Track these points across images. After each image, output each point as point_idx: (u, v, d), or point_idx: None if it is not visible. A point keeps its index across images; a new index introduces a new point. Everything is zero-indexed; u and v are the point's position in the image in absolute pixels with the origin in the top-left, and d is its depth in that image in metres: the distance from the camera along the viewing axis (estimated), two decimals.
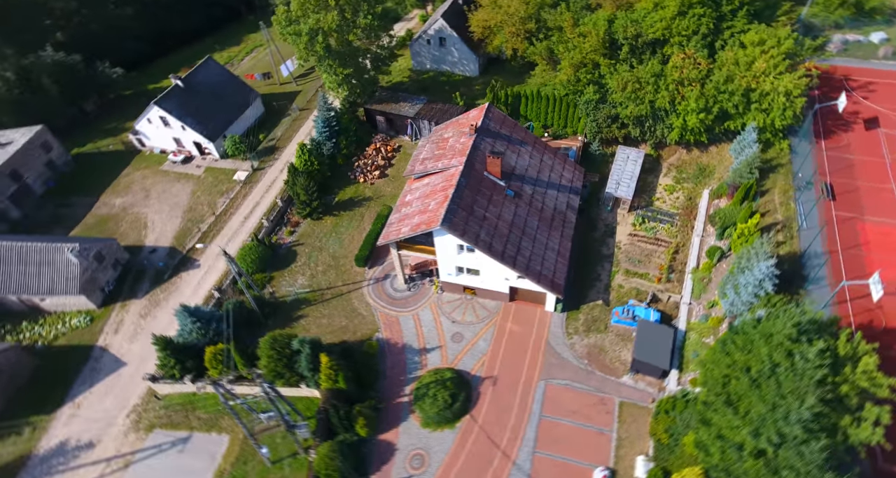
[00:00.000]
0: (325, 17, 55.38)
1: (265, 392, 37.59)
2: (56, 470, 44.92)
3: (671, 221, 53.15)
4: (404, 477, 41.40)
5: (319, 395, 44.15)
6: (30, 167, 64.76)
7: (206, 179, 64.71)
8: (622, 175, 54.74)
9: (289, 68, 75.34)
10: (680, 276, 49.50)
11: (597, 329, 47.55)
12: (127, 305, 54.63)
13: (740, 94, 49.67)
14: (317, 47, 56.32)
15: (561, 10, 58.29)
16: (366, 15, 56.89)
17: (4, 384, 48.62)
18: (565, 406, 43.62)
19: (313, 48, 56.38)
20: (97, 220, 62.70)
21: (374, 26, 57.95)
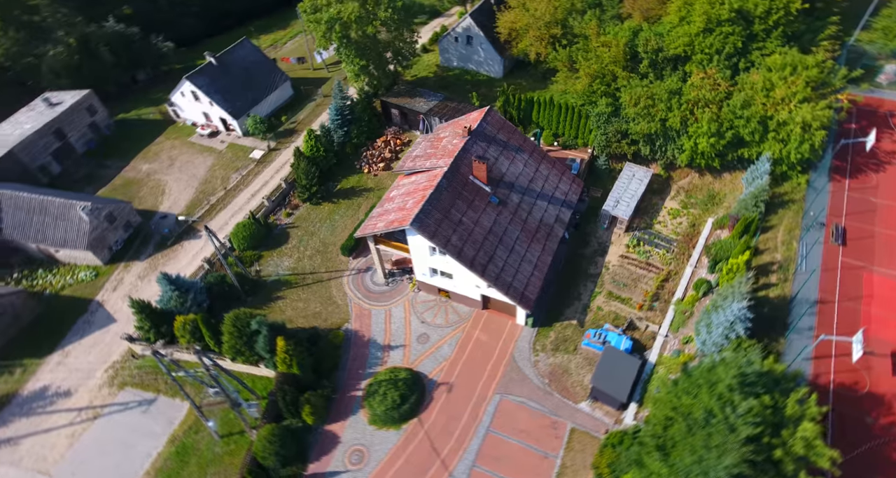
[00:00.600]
0: (346, 7, 54.19)
1: (205, 367, 37.18)
2: (34, 412, 46.39)
3: (668, 247, 49.09)
4: (341, 471, 40.21)
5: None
6: (74, 128, 67.19)
7: (226, 154, 65.29)
8: (623, 193, 50.97)
9: (322, 55, 74.87)
10: (664, 306, 45.63)
11: (565, 349, 44.54)
12: (129, 266, 55.80)
13: (757, 120, 44.93)
14: (333, 36, 55.29)
15: (588, 17, 54.70)
16: (386, 8, 55.30)
17: (6, 325, 50.54)
18: (516, 424, 41.07)
19: (330, 37, 55.42)
20: (123, 182, 64.43)
21: (393, 20, 56.29)
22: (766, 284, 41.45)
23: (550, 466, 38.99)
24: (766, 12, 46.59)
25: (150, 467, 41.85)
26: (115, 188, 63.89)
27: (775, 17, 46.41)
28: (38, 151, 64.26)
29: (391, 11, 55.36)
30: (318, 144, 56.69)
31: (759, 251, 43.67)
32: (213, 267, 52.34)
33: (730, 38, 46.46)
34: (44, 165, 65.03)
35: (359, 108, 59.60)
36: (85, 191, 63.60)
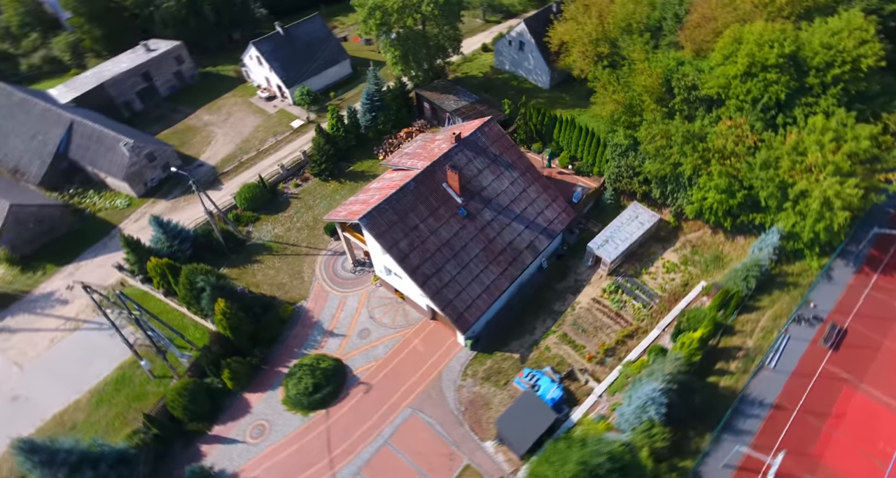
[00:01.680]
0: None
1: (128, 311, 37.36)
2: (34, 311, 49.66)
3: (647, 302, 42.26)
4: (238, 441, 39.10)
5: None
6: (161, 73, 70.80)
7: (273, 118, 65.73)
8: (617, 234, 44.40)
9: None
10: (616, 363, 39.40)
11: (495, 382, 39.95)
12: (156, 203, 58.00)
13: (776, 185, 36.65)
14: (371, 23, 52.87)
15: (636, 39, 47.73)
16: (428, 3, 51.76)
17: (43, 233, 54.45)
18: (415, 444, 37.55)
19: (369, 23, 53.10)
20: (184, 128, 67.03)
21: (434, 15, 52.67)
22: (722, 369, 34.19)
23: None
24: (825, 64, 37.55)
25: (93, 387, 43.18)
26: (175, 132, 66.60)
27: (836, 71, 37.28)
28: (125, 88, 68.46)
29: (433, 6, 51.77)
30: (340, 124, 55.05)
31: (732, 331, 36.10)
32: (212, 218, 52.77)
33: (772, 87, 37.91)
34: (128, 101, 69.23)
35: (388, 97, 57.00)
36: (151, 130, 66.89)
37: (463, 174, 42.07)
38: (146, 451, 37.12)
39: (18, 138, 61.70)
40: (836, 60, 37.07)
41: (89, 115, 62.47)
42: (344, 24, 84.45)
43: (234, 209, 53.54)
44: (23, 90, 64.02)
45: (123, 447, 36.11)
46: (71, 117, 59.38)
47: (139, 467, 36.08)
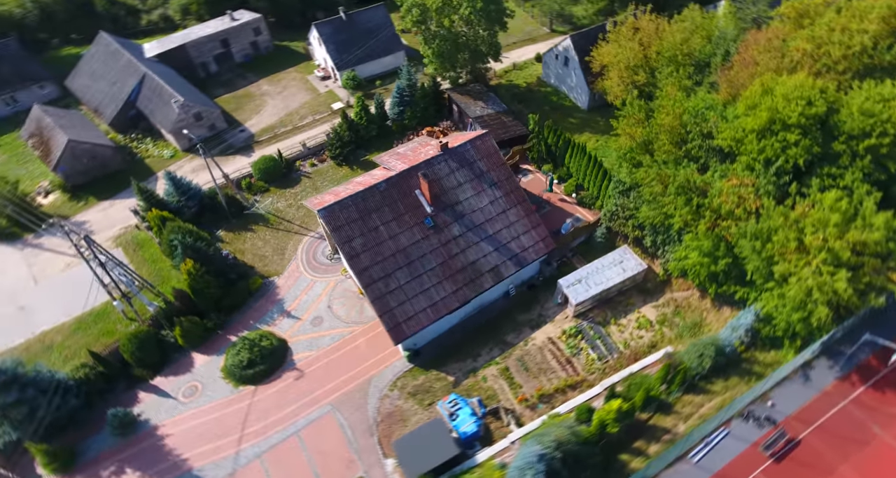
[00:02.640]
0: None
1: (94, 255, 38.35)
2: (57, 236, 53.05)
3: (604, 356, 37.21)
4: (170, 397, 39.27)
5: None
6: (238, 41, 72.90)
7: (320, 97, 65.53)
8: (592, 276, 39.37)
9: None
10: (547, 411, 35.07)
11: (420, 400, 37.06)
12: (194, 159, 59.86)
13: (764, 259, 30.26)
14: (408, 19, 50.42)
15: (671, 72, 41.73)
16: (467, 6, 48.37)
17: (95, 168, 57.95)
18: (321, 443, 35.74)
19: (405, 20, 50.76)
20: (243, 93, 68.65)
21: (471, 20, 49.19)
22: (639, 449, 29.12)
23: None
24: (862, 132, 30.20)
25: (79, 315, 45.19)
26: (235, 96, 68.36)
27: (872, 142, 29.88)
28: (204, 51, 71.18)
29: (469, 11, 48.35)
30: (364, 113, 53.54)
31: (669, 410, 30.61)
32: (227, 181, 53.51)
33: (791, 150, 31.00)
34: (205, 63, 71.99)
35: (418, 94, 54.53)
36: (216, 92, 69.13)
37: (441, 185, 39.01)
38: (84, 384, 38.16)
39: (105, 83, 66.08)
40: (875, 129, 29.65)
41: (163, 70, 65.54)
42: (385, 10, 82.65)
43: (249, 177, 53.90)
44: (119, 42, 68.27)
45: (62, 377, 37.33)
46: (144, 71, 62.46)
47: (72, 399, 37.17)
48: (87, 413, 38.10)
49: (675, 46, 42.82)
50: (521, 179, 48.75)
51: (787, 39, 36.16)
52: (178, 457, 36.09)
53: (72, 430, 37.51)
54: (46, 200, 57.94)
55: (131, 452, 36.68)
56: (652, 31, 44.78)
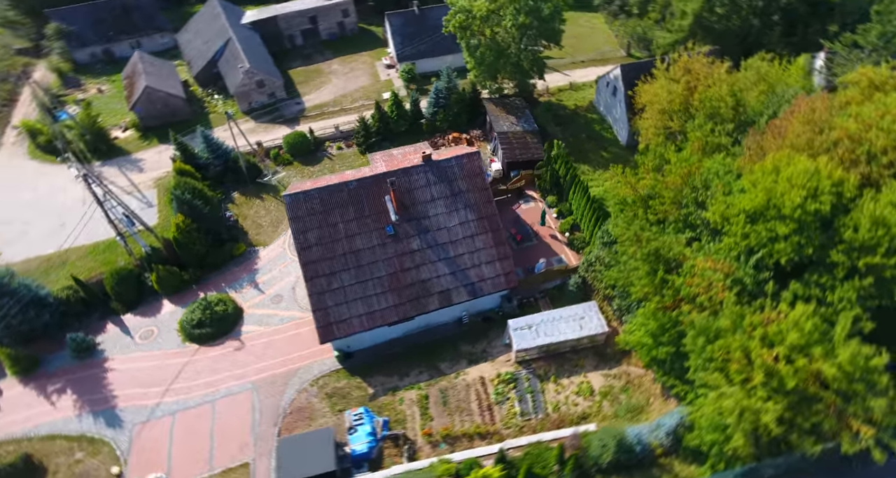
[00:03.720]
0: (478, 3, 45.16)
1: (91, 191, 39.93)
2: (122, 168, 56.67)
3: (527, 413, 32.68)
4: (126, 336, 40.32)
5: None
6: (326, 19, 73.46)
7: (378, 84, 64.23)
8: (547, 326, 34.61)
9: None
10: (447, 452, 31.53)
11: (333, 403, 35.05)
12: (249, 121, 61.34)
13: (704, 360, 24.20)
14: (452, 22, 47.13)
15: (701, 123, 35.08)
16: (512, 23, 44.08)
17: (166, 113, 60.88)
18: (229, 417, 35.00)
19: (449, 24, 47.52)
20: (315, 69, 69.03)
21: (512, 35, 44.76)
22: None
23: (200, 472, 32.76)
24: (866, 245, 22.85)
25: (95, 242, 47.95)
26: (307, 70, 68.99)
27: (876, 260, 22.53)
28: (293, 24, 72.57)
29: (513, 25, 44.04)
30: (395, 108, 51.43)
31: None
32: (259, 148, 54.06)
33: (778, 244, 24.23)
34: (292, 35, 73.46)
35: (453, 98, 51.25)
36: (292, 63, 70.32)
37: (413, 196, 36.10)
38: (63, 304, 40.28)
39: (200, 41, 69.59)
40: (880, 245, 22.27)
41: (249, 37, 67.60)
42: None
43: (279, 149, 54.11)
44: (223, 6, 71.22)
45: (45, 294, 39.65)
46: (231, 35, 64.72)
47: (46, 315, 39.39)
48: (58, 331, 40.12)
49: (721, 97, 35.85)
50: (520, 204, 44.22)
51: (837, 114, 28.46)
52: (110, 392, 37.12)
53: (42, 342, 39.78)
54: (123, 135, 62.16)
55: (80, 375, 38.29)
56: (702, 76, 37.87)
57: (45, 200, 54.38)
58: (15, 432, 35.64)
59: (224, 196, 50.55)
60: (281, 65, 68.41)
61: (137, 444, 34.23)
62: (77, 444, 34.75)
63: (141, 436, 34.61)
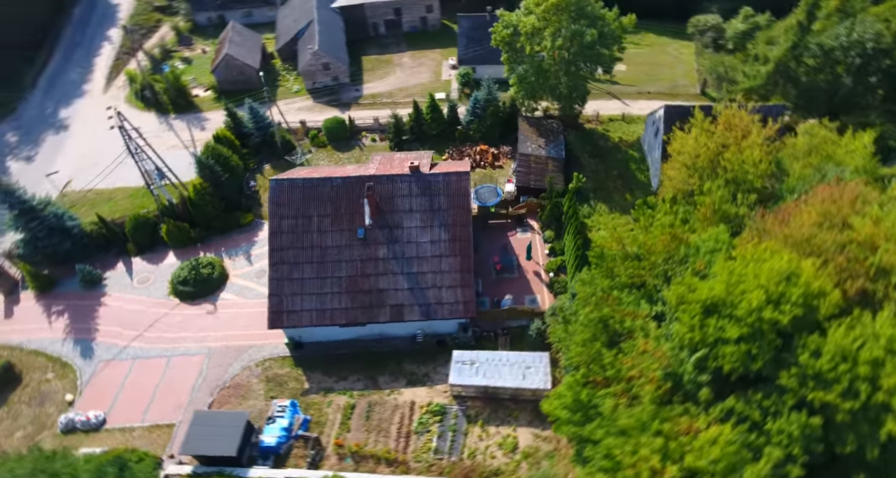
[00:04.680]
0: (527, 19, 41.35)
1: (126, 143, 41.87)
2: (189, 123, 59.65)
3: (441, 451, 29.79)
4: (127, 278, 42.25)
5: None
6: (409, 12, 72.00)
7: (437, 83, 61.89)
8: (490, 367, 31.24)
9: None
10: (351, 468, 29.65)
11: (269, 388, 34.48)
12: (308, 99, 61.96)
13: (601, 456, 20.00)
14: (497, 36, 43.76)
15: (718, 185, 29.40)
16: (552, 46, 39.81)
17: (239, 81, 62.57)
18: (175, 378, 35.59)
19: (495, 37, 44.10)
20: (386, 59, 67.94)
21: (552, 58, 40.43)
22: None
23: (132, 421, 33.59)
24: (820, 377, 17.26)
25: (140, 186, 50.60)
26: (378, 59, 68.12)
27: (825, 396, 17.08)
28: (378, 14, 71.95)
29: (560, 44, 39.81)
30: (431, 110, 49.24)
31: None
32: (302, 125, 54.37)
33: (724, 347, 18.97)
34: (375, 24, 72.94)
35: (489, 111, 47.94)
36: (368, 50, 69.92)
37: (392, 204, 34.01)
38: (86, 238, 43.01)
39: (290, 19, 71.06)
40: (839, 381, 16.71)
41: (331, 20, 67.93)
42: None
43: (318, 131, 54.07)
44: None
45: (71, 225, 42.51)
46: (314, 16, 65.53)
47: (68, 243, 42.25)
48: (78, 260, 42.80)
49: (753, 162, 29.85)
50: (517, 232, 40.42)
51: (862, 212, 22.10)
52: (95, 325, 39.16)
53: (62, 267, 42.72)
54: (203, 94, 65.41)
55: (79, 303, 40.80)
56: (742, 133, 31.76)
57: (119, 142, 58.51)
58: (12, 340, 38.68)
59: (257, 166, 51.39)
60: (356, 51, 68.40)
61: (95, 379, 35.78)
62: (52, 365, 37.05)
63: (102, 373, 36.14)
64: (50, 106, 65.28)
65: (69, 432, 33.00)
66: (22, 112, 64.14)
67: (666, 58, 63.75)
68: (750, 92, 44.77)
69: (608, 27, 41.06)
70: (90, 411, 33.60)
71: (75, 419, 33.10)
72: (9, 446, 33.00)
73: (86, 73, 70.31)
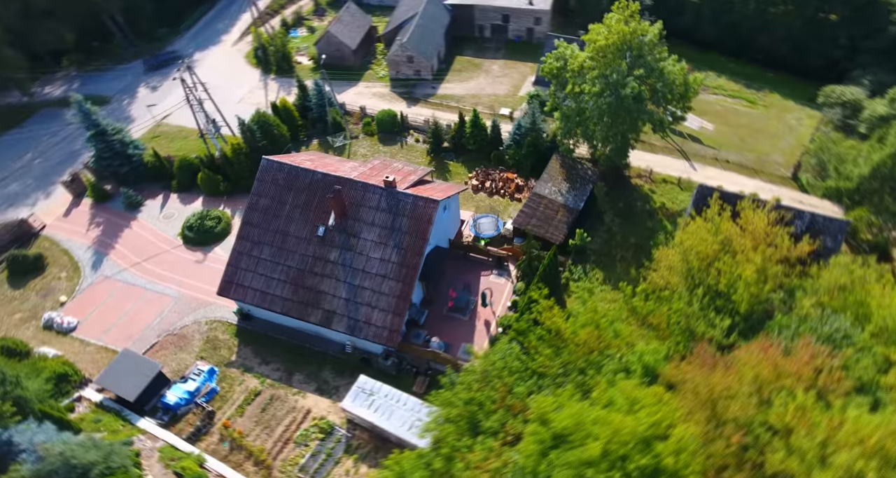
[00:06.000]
0: (578, 56, 35.18)
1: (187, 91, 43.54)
2: (279, 84, 61.94)
3: (308, 473, 27.33)
4: (158, 212, 44.63)
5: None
6: (517, 21, 66.16)
7: (513, 97, 56.98)
8: (388, 405, 27.79)
9: None
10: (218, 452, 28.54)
11: (205, 348, 34.64)
12: (387, 87, 60.54)
13: None
14: (545, 67, 37.94)
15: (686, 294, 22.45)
16: (592, 85, 33.14)
17: (337, 57, 62.97)
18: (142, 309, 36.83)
19: (543, 66, 38.24)
20: (477, 62, 63.27)
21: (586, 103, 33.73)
22: None
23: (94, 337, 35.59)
24: None
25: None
26: (470, 61, 63.76)
27: None
28: (486, 17, 67.61)
29: (599, 91, 33.28)
30: (475, 129, 45.16)
31: None
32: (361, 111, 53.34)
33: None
34: (482, 26, 68.82)
35: (527, 140, 42.48)
36: (464, 51, 66.40)
37: (357, 213, 31.39)
38: (143, 166, 46.18)
39: (405, 7, 68.98)
40: None
41: (436, 15, 65.06)
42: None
43: (372, 119, 52.56)
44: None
45: (133, 153, 45.91)
46: (420, 9, 63.48)
47: (126, 168, 45.74)
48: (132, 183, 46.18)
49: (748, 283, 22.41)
50: (492, 274, 35.41)
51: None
52: (114, 242, 42.14)
53: (117, 185, 46.44)
54: (305, 62, 67.04)
55: (116, 221, 44.20)
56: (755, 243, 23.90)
57: (222, 90, 61.71)
58: (56, 235, 43.00)
59: (307, 139, 51.44)
60: (453, 49, 65.55)
61: (89, 290, 38.44)
62: (69, 267, 40.50)
63: (96, 286, 38.71)
64: (191, 47, 71.00)
65: (47, 329, 35.86)
66: (170, 48, 70.58)
67: (776, 126, 52.05)
68: (838, 194, 34.43)
69: (667, 83, 33.55)
70: (67, 316, 36.10)
71: (55, 319, 35.81)
72: (8, 324, 36.73)
73: (230, 25, 75.43)
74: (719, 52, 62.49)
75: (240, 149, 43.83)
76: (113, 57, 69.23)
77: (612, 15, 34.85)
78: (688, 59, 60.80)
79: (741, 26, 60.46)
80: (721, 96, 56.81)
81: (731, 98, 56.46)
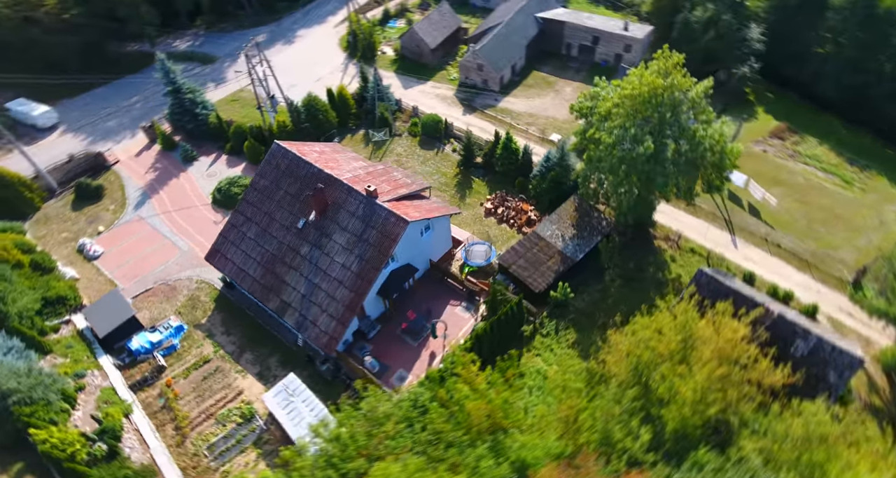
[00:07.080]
0: (606, 101, 29.80)
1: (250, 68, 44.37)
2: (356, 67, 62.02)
3: (214, 453, 26.80)
4: (208, 167, 46.58)
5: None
6: (607, 46, 59.92)
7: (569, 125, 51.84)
8: (298, 406, 26.32)
9: None
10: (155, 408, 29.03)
11: (185, 304, 35.35)
12: (452, 90, 57.79)
13: None
14: (576, 105, 32.75)
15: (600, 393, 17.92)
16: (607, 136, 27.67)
17: (416, 53, 62.01)
18: (154, 252, 38.39)
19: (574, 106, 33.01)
20: (551, 80, 58.64)
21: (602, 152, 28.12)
22: None
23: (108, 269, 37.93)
24: None
25: None
26: (543, 77, 59.13)
27: None
28: (575, 37, 61.67)
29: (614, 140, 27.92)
30: (506, 152, 41.44)
31: None
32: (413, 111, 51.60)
33: None
34: (570, 44, 63.26)
35: (551, 174, 37.84)
36: (541, 67, 61.20)
37: (335, 216, 29.82)
38: (206, 125, 48.31)
39: (497, 16, 65.57)
40: None
41: (521, 26, 60.50)
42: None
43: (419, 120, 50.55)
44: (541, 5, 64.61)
45: (200, 112, 48.08)
46: (508, 19, 59.74)
47: (192, 124, 48.37)
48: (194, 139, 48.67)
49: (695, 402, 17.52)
50: (459, 305, 32.03)
51: None
52: (160, 188, 44.74)
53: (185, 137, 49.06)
54: (388, 52, 66.30)
55: (170, 169, 46.91)
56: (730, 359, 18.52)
57: (306, 68, 62.78)
58: (122, 172, 46.47)
59: (356, 128, 50.79)
60: (533, 62, 61.32)
61: (124, 226, 41.19)
62: (119, 202, 43.62)
63: (130, 224, 41.40)
64: (298, 24, 73.40)
65: (79, 252, 38.86)
66: (282, 22, 73.38)
67: (865, 216, 41.43)
68: (879, 313, 26.49)
69: (693, 147, 27.48)
70: (97, 245, 38.81)
71: (87, 245, 38.71)
72: (55, 240, 40.37)
73: (338, 7, 76.77)
74: (838, 115, 51.09)
75: (284, 126, 44.08)
76: (237, 22, 73.55)
77: (651, 63, 29.25)
78: (792, 118, 51.32)
79: (870, 89, 48.75)
80: (811, 168, 46.79)
81: (822, 172, 46.32)
